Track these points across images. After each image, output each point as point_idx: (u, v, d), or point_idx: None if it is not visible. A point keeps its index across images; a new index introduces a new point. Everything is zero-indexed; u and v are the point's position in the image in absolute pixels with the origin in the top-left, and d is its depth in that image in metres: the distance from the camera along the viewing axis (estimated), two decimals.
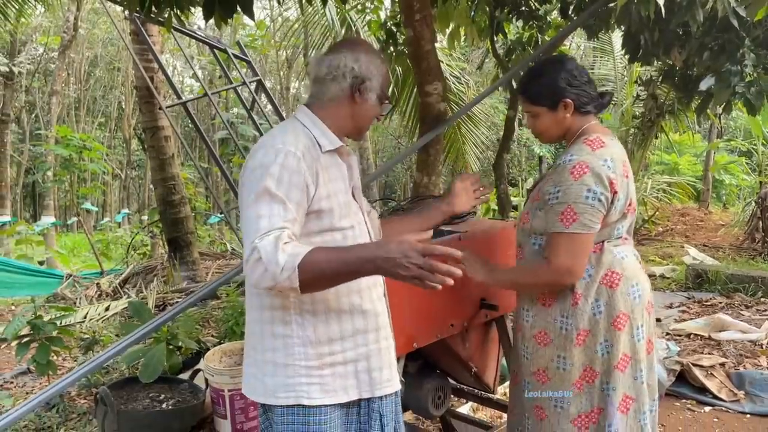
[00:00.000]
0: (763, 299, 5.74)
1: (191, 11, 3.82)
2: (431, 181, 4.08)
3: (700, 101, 4.51)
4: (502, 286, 2.27)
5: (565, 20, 4.77)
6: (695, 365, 3.90)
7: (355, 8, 7.18)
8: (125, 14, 7.31)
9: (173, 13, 3.48)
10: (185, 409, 3.32)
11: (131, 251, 9.04)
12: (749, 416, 3.57)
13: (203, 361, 3.47)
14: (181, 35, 6.67)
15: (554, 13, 5.25)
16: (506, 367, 2.71)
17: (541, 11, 5.14)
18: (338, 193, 1.64)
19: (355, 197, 1.75)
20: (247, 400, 3.23)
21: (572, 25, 4.62)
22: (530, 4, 5.06)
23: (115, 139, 22.55)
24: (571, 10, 4.55)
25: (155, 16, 3.52)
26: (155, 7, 3.31)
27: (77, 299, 6.67)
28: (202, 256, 7.91)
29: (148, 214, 11.84)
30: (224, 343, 3.88)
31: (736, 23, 3.65)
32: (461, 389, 2.93)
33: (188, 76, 20.57)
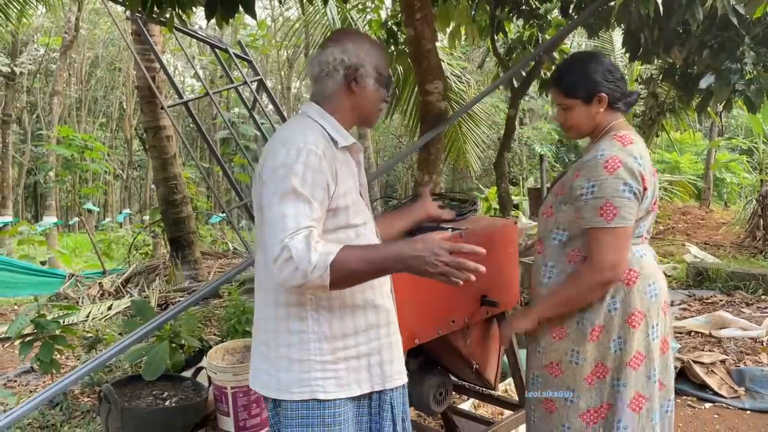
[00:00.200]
0: (763, 297, 5.75)
1: (193, 11, 3.84)
2: (432, 179, 4.09)
3: (700, 99, 4.52)
4: (551, 313, 2.08)
5: (565, 19, 4.78)
6: (696, 362, 3.92)
7: (356, 7, 7.19)
8: (127, 14, 7.33)
9: (175, 13, 3.49)
10: (188, 406, 3.33)
11: (133, 251, 9.07)
12: (749, 413, 3.58)
13: (206, 358, 3.48)
14: (182, 35, 6.69)
15: (555, 11, 5.26)
16: (507, 363, 2.73)
17: (541, 10, 5.15)
18: (352, 190, 1.66)
19: (362, 194, 1.77)
20: (249, 397, 3.25)
21: (573, 23, 4.63)
22: (531, 3, 5.07)
23: (116, 139, 22.57)
24: (571, 8, 4.56)
25: (157, 16, 3.53)
26: (157, 7, 3.33)
27: (80, 299, 6.70)
28: (203, 255, 7.93)
29: (149, 213, 11.86)
30: (227, 341, 3.90)
31: (735, 21, 3.66)
32: (462, 386, 2.94)
33: (189, 75, 20.60)
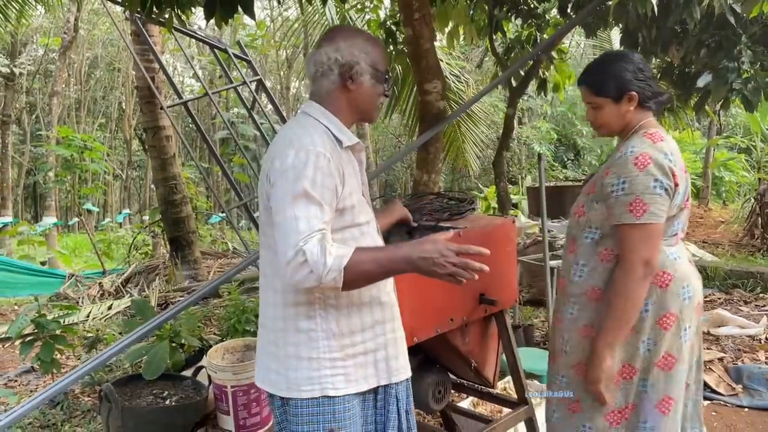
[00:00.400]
0: (761, 295, 5.77)
1: (192, 11, 3.85)
2: (431, 179, 4.11)
3: (698, 98, 4.53)
4: (616, 339, 1.98)
5: (563, 18, 4.79)
6: None
7: (354, 7, 7.21)
8: (126, 15, 7.33)
9: (174, 13, 3.50)
10: (188, 405, 3.34)
11: (133, 251, 9.07)
12: (747, 410, 3.60)
13: (206, 358, 3.49)
14: (181, 35, 6.69)
15: (553, 11, 5.27)
16: (506, 362, 2.74)
17: (539, 9, 5.16)
18: (356, 189, 1.68)
19: (364, 193, 1.79)
20: (249, 396, 3.27)
21: (571, 23, 4.64)
22: (529, 2, 5.08)
23: (115, 139, 22.56)
24: (569, 8, 4.57)
25: (156, 16, 3.54)
26: (156, 7, 3.34)
27: (80, 299, 6.71)
28: (203, 255, 7.94)
29: (149, 213, 11.86)
30: (226, 340, 3.91)
31: (732, 20, 3.68)
32: (461, 384, 2.95)
33: (189, 76, 20.59)
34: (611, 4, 3.96)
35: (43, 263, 9.91)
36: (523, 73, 5.28)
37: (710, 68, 4.02)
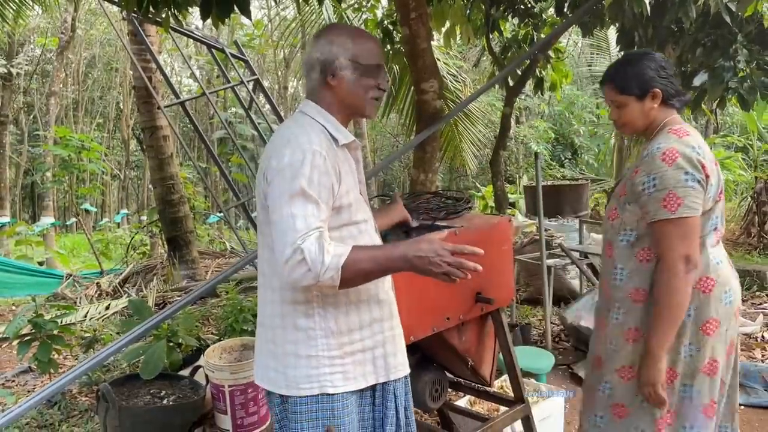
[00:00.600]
0: (758, 293, 5.78)
1: (188, 11, 3.85)
2: (428, 178, 4.12)
3: (694, 97, 4.54)
4: (668, 339, 1.95)
5: (560, 17, 4.80)
6: None
7: (351, 7, 7.21)
8: (123, 14, 7.33)
9: (171, 13, 3.50)
10: (186, 405, 3.35)
11: (131, 251, 9.06)
12: (743, 407, 3.61)
13: (203, 357, 3.50)
14: (178, 35, 6.69)
15: (550, 10, 5.28)
16: (503, 360, 2.75)
17: (536, 9, 5.18)
18: (353, 187, 1.69)
19: (361, 192, 1.79)
20: (247, 395, 3.27)
21: (567, 22, 4.65)
22: (525, 1, 5.10)
23: (113, 139, 22.53)
24: (566, 7, 4.59)
25: (153, 16, 3.54)
26: (153, 7, 3.34)
27: (77, 299, 6.70)
28: (201, 255, 7.94)
29: (147, 213, 11.86)
30: (224, 339, 3.92)
31: (728, 19, 3.69)
32: (458, 382, 2.96)
33: (186, 75, 20.57)
34: (606, 3, 3.97)
35: (40, 263, 9.90)
36: (520, 72, 5.29)
37: (706, 67, 4.02)
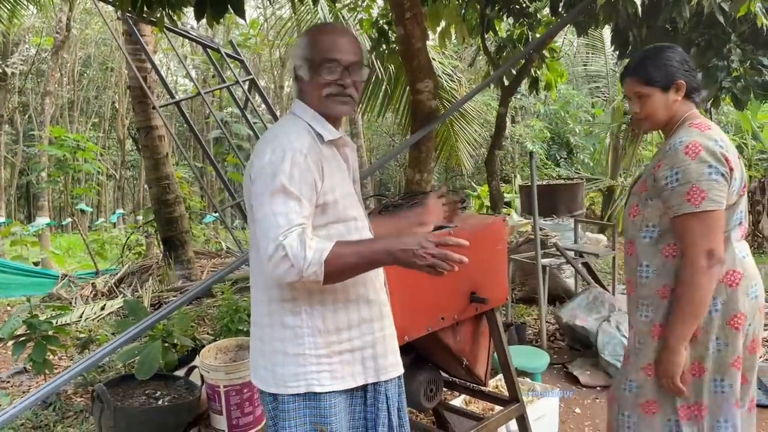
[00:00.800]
0: None
1: (183, 11, 3.84)
2: (423, 178, 4.12)
3: None
4: (688, 332, 1.94)
5: (555, 17, 4.81)
6: None
7: (347, 6, 7.21)
8: (117, 14, 7.32)
9: (165, 13, 3.50)
10: (181, 405, 3.35)
11: (126, 251, 9.04)
12: None
13: (199, 357, 3.50)
14: (174, 35, 6.68)
15: (545, 10, 5.29)
16: (498, 360, 2.76)
17: (531, 8, 5.18)
18: (339, 184, 1.69)
19: (354, 189, 1.80)
20: (242, 395, 3.27)
21: (562, 22, 4.66)
22: (520, 1, 5.10)
23: (109, 139, 22.46)
24: (560, 7, 4.59)
25: (147, 15, 3.54)
26: (147, 7, 3.33)
27: (73, 299, 6.68)
28: (197, 255, 7.92)
29: (142, 213, 11.83)
30: (219, 340, 3.92)
31: (722, 19, 3.70)
32: (453, 382, 2.97)
33: (182, 75, 20.53)
34: (599, 3, 3.98)
35: (36, 264, 9.86)
36: (515, 72, 5.29)
37: (700, 67, 4.03)
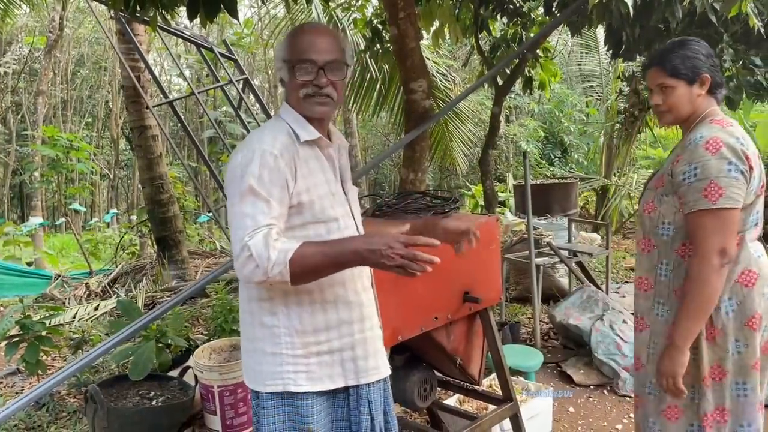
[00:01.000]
0: None
1: (176, 11, 3.83)
2: (417, 177, 4.13)
3: None
4: (694, 331, 1.90)
5: (548, 17, 4.82)
6: None
7: (341, 6, 7.20)
8: (111, 13, 7.29)
9: (158, 12, 3.49)
10: (175, 405, 3.34)
11: (120, 251, 9.01)
12: None
13: (192, 358, 3.50)
14: (167, 34, 6.66)
15: (538, 9, 5.30)
16: (491, 359, 2.77)
17: (525, 8, 5.19)
18: (318, 185, 1.68)
19: (344, 189, 1.78)
20: (236, 395, 3.27)
21: (555, 21, 4.67)
22: (514, 1, 5.11)
23: (102, 138, 22.37)
24: (554, 6, 4.60)
25: (140, 15, 3.53)
26: (140, 6, 3.32)
27: (66, 299, 6.66)
28: (191, 254, 7.91)
29: (136, 213, 11.80)
30: (213, 340, 3.91)
31: (714, 19, 3.72)
32: (447, 381, 2.98)
33: (175, 75, 20.45)
34: (591, 3, 3.99)
35: (29, 264, 9.83)
36: (509, 71, 5.30)
37: None
